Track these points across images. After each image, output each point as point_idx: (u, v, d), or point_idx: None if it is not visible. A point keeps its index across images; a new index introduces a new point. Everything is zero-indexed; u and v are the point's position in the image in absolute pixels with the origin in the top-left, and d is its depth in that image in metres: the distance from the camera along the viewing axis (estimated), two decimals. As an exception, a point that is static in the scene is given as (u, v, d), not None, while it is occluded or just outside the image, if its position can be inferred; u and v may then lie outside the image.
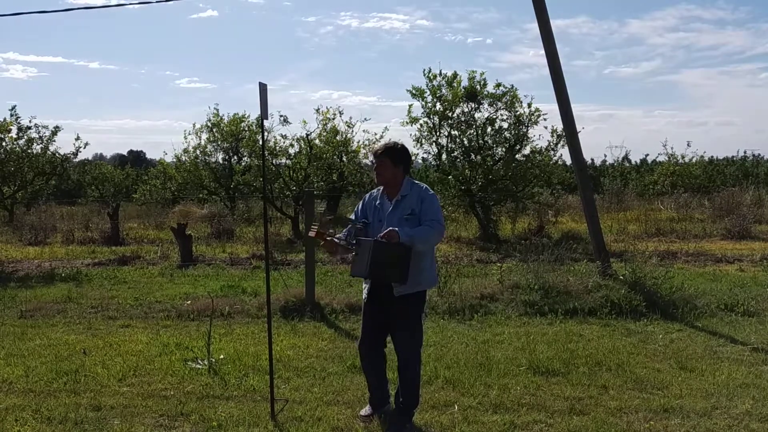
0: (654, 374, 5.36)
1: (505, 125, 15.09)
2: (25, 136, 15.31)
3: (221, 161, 20.62)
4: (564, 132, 9.83)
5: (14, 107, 16.61)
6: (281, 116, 17.58)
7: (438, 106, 14.77)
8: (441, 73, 14.73)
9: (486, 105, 14.92)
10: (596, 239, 9.32)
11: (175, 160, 20.42)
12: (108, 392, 5.11)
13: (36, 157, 15.69)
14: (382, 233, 4.09)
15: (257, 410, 4.65)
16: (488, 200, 15.28)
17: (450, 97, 14.65)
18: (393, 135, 32.58)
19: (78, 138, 16.41)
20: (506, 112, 14.97)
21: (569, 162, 12.84)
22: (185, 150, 19.76)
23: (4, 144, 15.12)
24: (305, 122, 17.63)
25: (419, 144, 15.35)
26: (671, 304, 7.59)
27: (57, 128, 15.88)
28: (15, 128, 15.14)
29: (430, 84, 14.74)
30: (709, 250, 12.53)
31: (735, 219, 15.20)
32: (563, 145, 15.07)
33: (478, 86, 14.68)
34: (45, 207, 20.30)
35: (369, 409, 4.56)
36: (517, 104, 14.84)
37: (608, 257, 9.35)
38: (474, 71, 14.81)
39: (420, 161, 17.44)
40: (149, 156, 54.85)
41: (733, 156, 31.09)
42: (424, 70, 14.69)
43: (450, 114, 14.79)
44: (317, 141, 16.74)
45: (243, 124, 19.21)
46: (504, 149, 15.07)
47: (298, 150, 16.87)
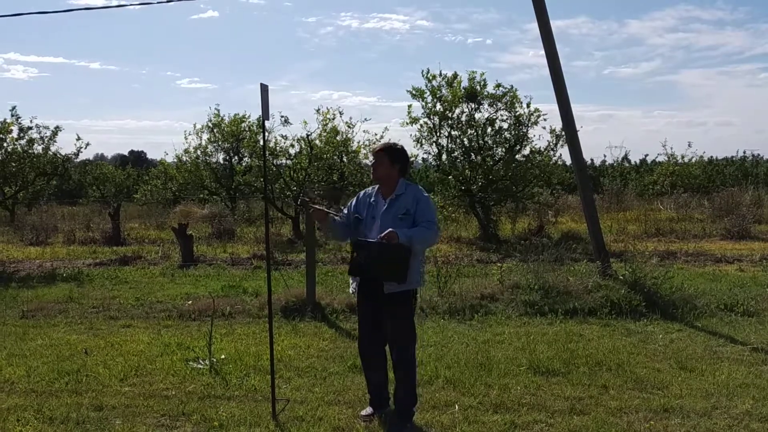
0: (654, 374, 5.37)
1: (505, 125, 15.12)
2: (26, 137, 15.27)
3: (222, 161, 20.67)
4: (564, 132, 9.85)
5: (15, 107, 16.62)
6: (282, 117, 17.61)
7: (438, 107, 14.79)
8: (441, 74, 14.77)
9: (486, 105, 14.95)
10: (596, 239, 9.33)
11: (176, 161, 20.47)
12: (109, 392, 5.13)
13: (37, 158, 15.65)
14: (383, 234, 4.11)
15: (258, 410, 4.66)
16: (488, 200, 15.30)
17: (450, 98, 14.67)
18: (393, 135, 32.57)
19: (79, 138, 16.33)
20: (506, 113, 15.00)
21: (569, 162, 12.87)
22: (186, 150, 19.84)
23: (5, 144, 15.10)
24: (306, 123, 17.29)
25: (419, 144, 15.39)
26: (671, 304, 7.59)
27: (58, 128, 15.85)
28: (16, 129, 15.12)
29: (430, 84, 14.76)
30: (709, 250, 12.54)
31: (734, 219, 15.21)
32: (563, 146, 15.10)
33: (478, 87, 14.70)
34: (46, 207, 20.36)
35: (370, 410, 4.58)
36: (517, 104, 14.87)
37: (608, 257, 9.36)
38: (474, 72, 14.86)
39: (420, 161, 17.46)
40: (150, 156, 54.94)
41: (733, 156, 31.20)
42: (424, 71, 14.74)
43: (450, 114, 14.81)
44: (317, 141, 16.74)
45: (244, 125, 19.25)
46: (504, 149, 15.09)
47: (299, 150, 16.87)
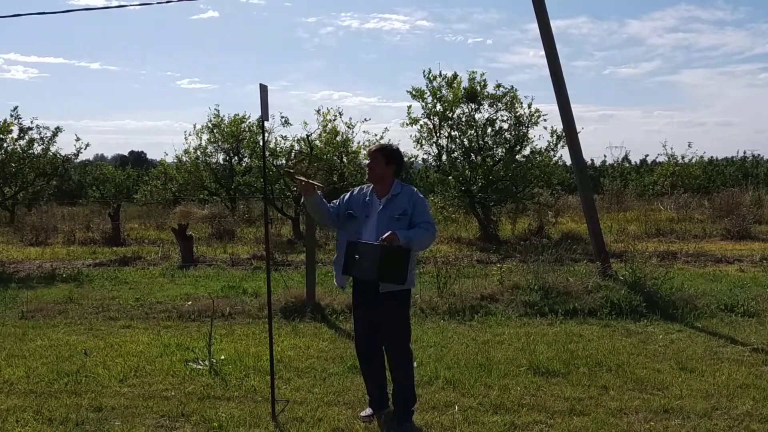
0: (654, 375, 5.37)
1: (505, 126, 15.14)
2: (26, 137, 15.31)
3: (222, 162, 20.65)
4: (564, 132, 9.84)
5: (16, 108, 16.62)
6: (282, 117, 17.63)
7: (438, 107, 14.79)
8: (441, 74, 14.78)
9: (486, 106, 14.96)
10: (596, 240, 9.32)
11: (176, 161, 20.46)
12: (109, 393, 5.12)
13: (37, 158, 15.69)
14: (384, 236, 4.12)
15: (258, 411, 4.66)
16: (488, 201, 15.30)
17: (450, 98, 14.67)
18: (393, 136, 32.61)
19: (79, 139, 16.41)
20: (506, 113, 15.02)
21: (569, 162, 12.87)
22: (186, 150, 19.82)
23: (5, 145, 15.12)
24: (306, 123, 17.28)
25: (419, 145, 15.39)
26: (671, 305, 7.58)
27: (58, 129, 15.90)
28: (16, 129, 15.16)
29: (430, 85, 14.77)
30: (709, 251, 12.54)
31: (735, 219, 15.21)
32: (563, 146, 15.10)
33: (478, 87, 14.71)
34: (46, 208, 20.33)
35: (369, 410, 4.57)
36: (517, 105, 14.88)
37: (608, 258, 9.35)
38: (474, 72, 14.87)
39: (420, 162, 17.45)
40: (150, 156, 54.97)
41: (733, 156, 31.25)
42: (424, 71, 14.74)
43: (450, 115, 14.81)
44: (317, 142, 16.74)
45: (243, 125, 19.24)
46: (504, 150, 15.09)
47: (299, 150, 16.87)
